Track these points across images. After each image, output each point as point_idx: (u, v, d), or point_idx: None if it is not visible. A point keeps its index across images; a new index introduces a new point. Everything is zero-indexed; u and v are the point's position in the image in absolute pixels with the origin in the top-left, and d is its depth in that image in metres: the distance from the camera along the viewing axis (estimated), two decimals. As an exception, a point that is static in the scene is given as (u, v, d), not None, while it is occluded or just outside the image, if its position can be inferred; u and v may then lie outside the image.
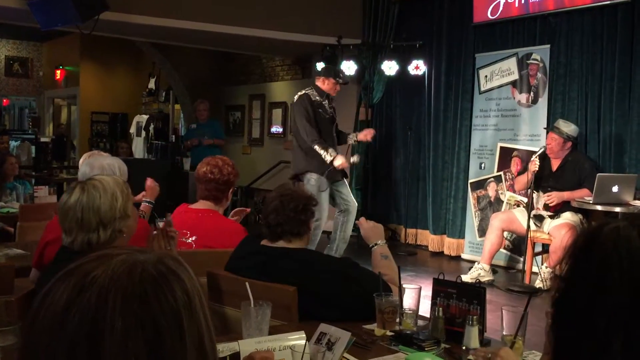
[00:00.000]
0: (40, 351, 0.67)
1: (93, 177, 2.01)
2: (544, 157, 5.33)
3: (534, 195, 5.39)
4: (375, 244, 2.42)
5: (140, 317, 0.67)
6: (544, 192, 5.27)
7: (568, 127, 5.20)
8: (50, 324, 0.68)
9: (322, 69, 5.89)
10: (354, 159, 6.03)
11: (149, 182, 3.40)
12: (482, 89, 6.43)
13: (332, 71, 5.77)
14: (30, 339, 0.69)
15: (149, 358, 0.67)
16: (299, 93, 5.65)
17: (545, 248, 5.44)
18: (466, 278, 5.30)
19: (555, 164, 5.28)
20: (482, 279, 5.32)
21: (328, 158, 5.39)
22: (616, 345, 0.95)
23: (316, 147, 5.41)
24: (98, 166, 2.67)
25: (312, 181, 5.50)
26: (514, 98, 6.14)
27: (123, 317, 0.67)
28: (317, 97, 5.60)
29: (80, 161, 3.30)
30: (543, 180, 5.28)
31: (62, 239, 1.94)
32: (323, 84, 5.65)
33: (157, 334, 0.68)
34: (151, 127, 11.05)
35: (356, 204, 5.82)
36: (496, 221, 5.50)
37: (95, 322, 0.66)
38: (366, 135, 5.82)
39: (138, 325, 0.67)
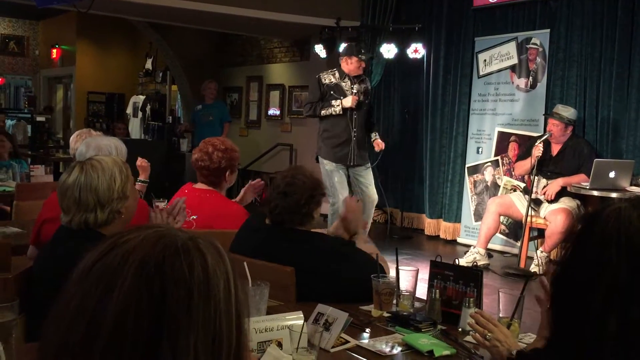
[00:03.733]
0: (69, 298, 0.73)
1: (92, 157, 2.01)
2: (544, 142, 5.34)
3: (534, 179, 5.39)
4: (355, 233, 2.41)
5: (151, 280, 0.71)
6: (545, 177, 5.27)
7: (567, 112, 5.20)
8: (80, 274, 0.74)
9: (344, 48, 5.70)
10: (355, 87, 5.59)
11: (139, 161, 3.40)
12: (481, 73, 6.40)
13: (354, 49, 5.58)
14: (66, 288, 0.75)
15: (152, 321, 0.70)
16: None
17: (541, 233, 5.46)
18: (462, 262, 5.33)
19: (555, 149, 5.28)
20: (479, 263, 5.35)
21: (338, 109, 5.39)
22: (612, 324, 0.96)
23: (322, 112, 5.43)
24: (94, 146, 2.66)
25: (324, 165, 5.55)
26: (513, 82, 6.12)
27: (135, 276, 0.71)
28: (332, 79, 5.51)
29: (72, 139, 3.28)
30: (544, 165, 5.28)
31: (61, 218, 1.94)
32: (346, 64, 5.52)
33: (163, 300, 0.70)
34: (148, 107, 11.00)
35: (375, 198, 5.71)
36: (493, 205, 5.51)
37: (112, 276, 0.71)
38: (379, 145, 5.72)
39: (147, 287, 0.71)
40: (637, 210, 1.01)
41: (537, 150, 5.17)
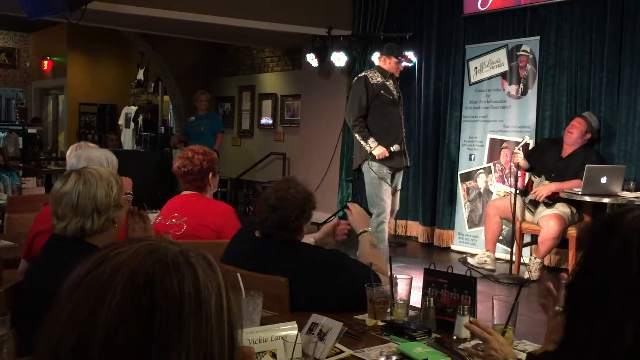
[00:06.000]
0: (59, 312, 0.72)
1: (87, 167, 2.02)
2: (556, 142, 5.34)
3: (535, 180, 5.40)
4: (364, 232, 2.43)
5: (140, 296, 0.70)
6: (547, 178, 5.27)
7: (592, 119, 5.22)
8: (70, 288, 0.73)
9: (384, 47, 5.59)
10: (395, 147, 5.32)
11: None
12: (472, 80, 6.43)
13: (394, 50, 5.49)
14: (56, 301, 0.74)
15: (142, 337, 0.69)
16: (358, 75, 5.49)
17: (534, 239, 5.47)
18: (472, 261, 5.32)
19: (566, 152, 5.25)
20: (486, 267, 5.33)
21: (367, 149, 5.17)
22: (629, 331, 0.94)
23: (355, 135, 5.25)
24: (85, 158, 2.66)
25: (372, 171, 5.23)
26: (504, 89, 6.15)
27: (124, 291, 0.70)
28: (379, 79, 5.33)
29: (68, 152, 3.28)
30: (549, 165, 5.28)
31: (54, 226, 1.95)
32: (385, 63, 5.40)
33: (152, 316, 0.70)
34: (140, 118, 10.98)
35: (396, 206, 5.54)
36: (492, 209, 5.50)
37: (102, 291, 0.71)
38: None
39: (136, 302, 0.70)
40: None
41: (515, 157, 5.19)
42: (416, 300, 2.27)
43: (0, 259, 2.46)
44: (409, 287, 2.13)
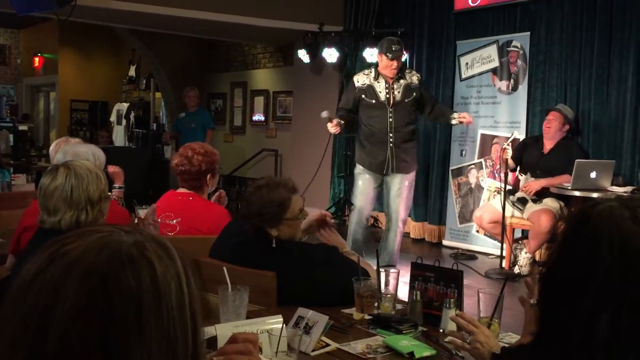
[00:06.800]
0: (10, 317, 0.68)
1: (72, 161, 2.04)
2: (537, 140, 5.36)
3: (522, 177, 5.42)
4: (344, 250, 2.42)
5: (96, 295, 0.67)
6: (533, 175, 5.29)
7: (567, 110, 5.25)
8: (18, 292, 0.69)
9: (379, 43, 5.07)
10: (323, 114, 5.10)
11: (110, 168, 3.39)
12: (463, 76, 6.45)
13: (383, 45, 4.91)
14: (2, 308, 0.70)
15: (100, 338, 0.67)
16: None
17: (525, 234, 5.49)
18: (522, 262, 5.19)
19: (548, 146, 5.28)
20: (522, 269, 5.19)
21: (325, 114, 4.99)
22: (603, 325, 0.94)
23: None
24: (72, 153, 2.66)
25: (356, 170, 5.21)
26: (494, 85, 6.17)
27: (79, 292, 0.67)
28: (365, 80, 4.97)
29: (51, 148, 3.26)
30: (532, 162, 5.30)
31: (42, 221, 1.95)
32: (381, 61, 4.93)
33: (110, 314, 0.67)
34: (132, 115, 10.95)
35: (396, 215, 5.18)
36: (484, 222, 5.43)
37: (54, 293, 0.67)
38: (465, 117, 5.12)
39: (92, 302, 0.67)
40: (629, 209, 1.00)
41: (505, 153, 5.19)
42: (405, 294, 2.29)
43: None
44: (396, 281, 2.14)
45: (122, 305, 0.67)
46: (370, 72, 5.03)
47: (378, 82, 4.96)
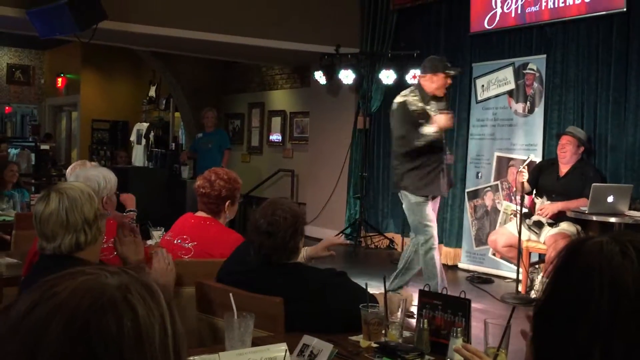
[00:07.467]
0: None
1: (61, 184, 2.06)
2: (552, 163, 5.32)
3: (538, 200, 5.37)
4: None
5: (77, 341, 0.68)
6: (549, 199, 5.25)
7: (579, 132, 5.22)
8: (8, 332, 0.70)
9: (427, 62, 4.64)
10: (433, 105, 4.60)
11: (121, 197, 3.42)
12: (479, 98, 6.44)
13: (441, 64, 4.57)
14: None
15: None
16: (397, 100, 4.62)
17: (542, 258, 5.43)
18: (538, 284, 5.15)
19: (563, 170, 5.24)
20: (538, 294, 5.13)
21: (432, 129, 4.41)
22: (595, 359, 0.95)
23: (423, 140, 4.43)
24: (83, 177, 2.70)
25: (408, 199, 4.62)
26: (511, 107, 6.15)
27: (62, 337, 0.68)
28: (419, 104, 4.51)
29: (68, 171, 3.33)
30: (548, 186, 5.26)
31: (42, 248, 1.96)
32: (431, 82, 4.52)
33: (92, 358, 0.68)
34: (151, 134, 11.08)
35: (422, 237, 4.59)
36: (500, 245, 5.40)
37: (39, 338, 0.68)
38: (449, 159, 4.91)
39: (74, 347, 0.68)
40: (618, 244, 1.01)
41: (521, 176, 5.15)
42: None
43: (1, 277, 2.49)
44: (404, 307, 2.13)
45: (103, 351, 0.68)
46: (415, 94, 4.58)
47: (428, 105, 4.57)
